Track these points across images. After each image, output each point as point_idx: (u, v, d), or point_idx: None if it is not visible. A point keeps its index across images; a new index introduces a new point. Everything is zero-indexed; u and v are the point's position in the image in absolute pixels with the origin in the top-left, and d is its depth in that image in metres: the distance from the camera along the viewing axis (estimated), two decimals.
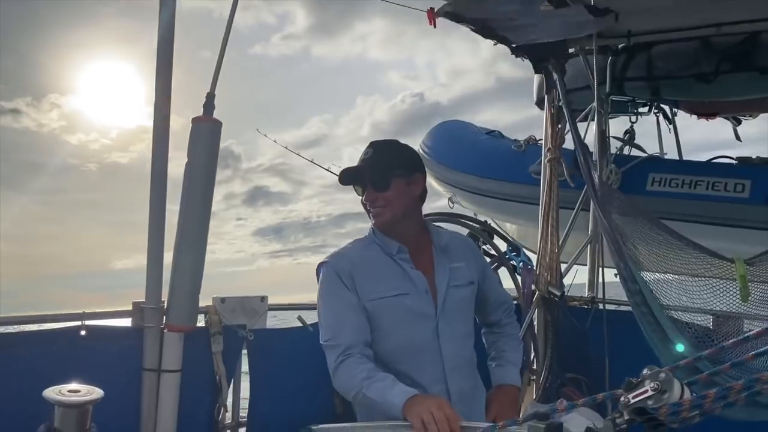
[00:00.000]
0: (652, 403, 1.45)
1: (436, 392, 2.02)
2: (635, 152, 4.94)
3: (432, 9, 3.07)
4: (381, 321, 2.05)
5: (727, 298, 2.95)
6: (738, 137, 5.26)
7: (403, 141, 2.26)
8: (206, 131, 2.50)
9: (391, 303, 2.05)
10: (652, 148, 4.99)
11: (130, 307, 2.54)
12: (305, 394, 2.95)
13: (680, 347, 1.27)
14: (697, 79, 4.15)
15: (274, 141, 6.09)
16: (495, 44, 3.55)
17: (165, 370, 2.47)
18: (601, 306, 3.79)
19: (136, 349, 2.47)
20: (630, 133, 4.94)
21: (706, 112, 4.93)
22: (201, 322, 2.69)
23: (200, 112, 2.49)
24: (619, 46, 4.28)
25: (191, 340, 2.56)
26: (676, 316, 2.99)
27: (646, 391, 1.45)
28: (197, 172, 2.49)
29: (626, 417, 1.46)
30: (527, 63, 3.72)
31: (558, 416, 1.66)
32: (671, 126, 5.18)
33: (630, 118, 4.99)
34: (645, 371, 1.51)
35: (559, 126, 3.82)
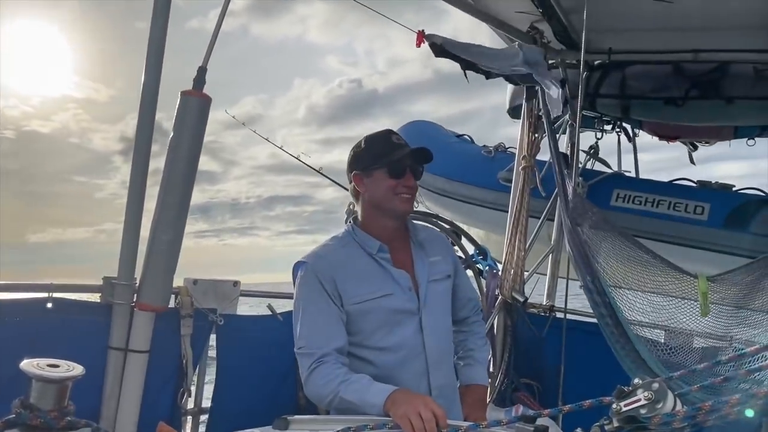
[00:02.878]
0: (645, 412, 1.47)
1: (418, 388, 1.99)
2: (598, 167, 5.09)
3: (422, 32, 3.11)
4: (365, 323, 1.99)
5: (689, 314, 3.07)
6: (692, 161, 5.48)
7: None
8: (195, 106, 2.42)
9: (375, 305, 1.99)
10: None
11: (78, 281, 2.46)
12: (270, 384, 2.90)
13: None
14: (667, 102, 4.29)
15: (267, 139, 5.97)
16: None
17: (132, 350, 2.37)
18: (558, 314, 3.87)
19: (103, 326, 2.37)
20: (595, 149, 5.09)
21: (668, 134, 5.11)
22: (171, 303, 2.61)
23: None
24: (596, 62, 4.38)
25: (160, 321, 2.47)
26: (637, 331, 3.08)
27: (639, 400, 1.48)
28: (182, 148, 2.41)
29: (615, 424, 1.48)
30: None
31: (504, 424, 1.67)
32: (631, 145, 5.36)
33: (595, 134, 5.13)
34: (636, 380, 1.53)
35: (536, 135, 3.88)
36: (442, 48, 3.07)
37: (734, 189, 4.60)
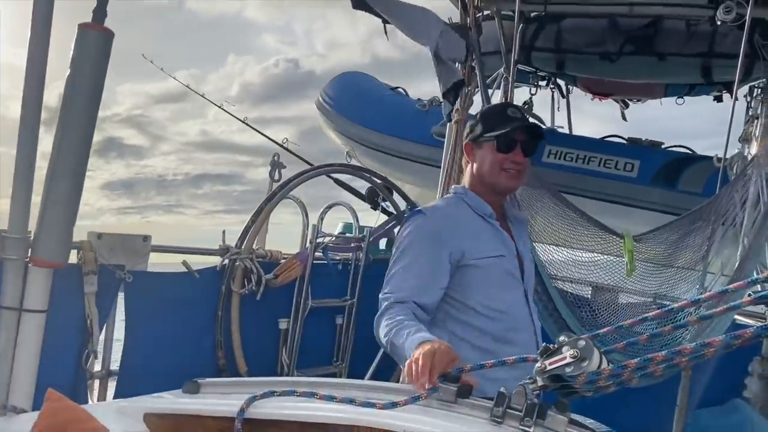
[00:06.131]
0: (570, 370, 1.39)
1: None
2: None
3: None
4: (481, 279, 1.92)
5: (614, 272, 3.07)
6: (624, 117, 5.53)
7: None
8: (95, 41, 2.19)
9: (493, 263, 1.94)
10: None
11: None
12: (186, 345, 2.75)
13: None
14: (601, 58, 4.25)
15: (203, 96, 5.69)
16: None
17: (27, 309, 2.18)
18: None
19: None
20: (529, 104, 5.04)
21: (601, 91, 5.11)
22: (73, 258, 2.40)
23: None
24: (532, 14, 4.28)
25: (60, 278, 2.28)
26: (562, 286, 3.07)
27: (564, 358, 1.41)
28: (81, 87, 2.19)
29: (540, 383, 1.41)
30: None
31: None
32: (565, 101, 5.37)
33: (530, 90, 5.08)
34: (562, 337, 1.46)
35: (469, 88, 3.76)
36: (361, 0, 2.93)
37: (663, 146, 4.65)
